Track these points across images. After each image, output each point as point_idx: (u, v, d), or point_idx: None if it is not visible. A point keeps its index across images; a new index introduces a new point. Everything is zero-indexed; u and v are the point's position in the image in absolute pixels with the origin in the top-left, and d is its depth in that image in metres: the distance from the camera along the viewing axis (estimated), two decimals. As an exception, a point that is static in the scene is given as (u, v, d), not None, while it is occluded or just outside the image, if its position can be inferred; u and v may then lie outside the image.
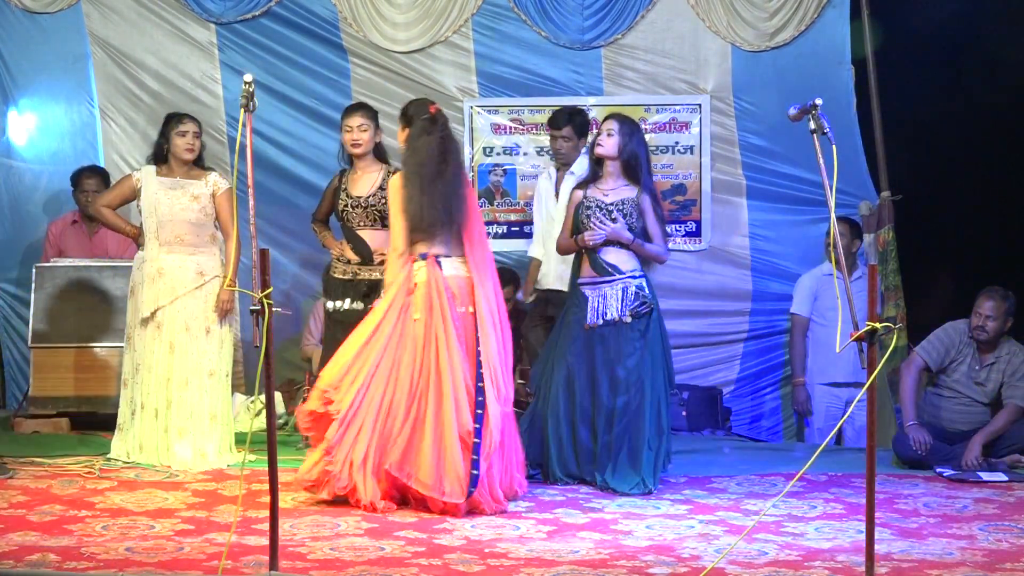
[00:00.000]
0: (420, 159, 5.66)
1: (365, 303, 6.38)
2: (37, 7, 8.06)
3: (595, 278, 6.17)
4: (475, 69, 8.21)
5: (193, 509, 5.39)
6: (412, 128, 5.74)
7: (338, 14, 8.13)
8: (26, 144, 8.20)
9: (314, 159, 8.13)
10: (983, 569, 4.68)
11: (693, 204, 8.21)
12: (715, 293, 8.21)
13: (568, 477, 6.09)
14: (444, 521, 5.29)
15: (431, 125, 5.72)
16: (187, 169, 6.56)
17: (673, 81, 8.20)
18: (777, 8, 8.05)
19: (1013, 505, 5.85)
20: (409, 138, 5.74)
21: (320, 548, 4.78)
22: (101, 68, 8.14)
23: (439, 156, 5.66)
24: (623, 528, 5.26)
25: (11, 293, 8.12)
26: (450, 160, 5.69)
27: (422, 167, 5.64)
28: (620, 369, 6.05)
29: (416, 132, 5.71)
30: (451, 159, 5.71)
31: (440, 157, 5.66)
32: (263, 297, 4.29)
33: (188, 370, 6.42)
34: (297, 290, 8.24)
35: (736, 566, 4.64)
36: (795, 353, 7.82)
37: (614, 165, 6.20)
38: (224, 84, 8.13)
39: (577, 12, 8.14)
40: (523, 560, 4.70)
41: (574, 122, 7.06)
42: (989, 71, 7.83)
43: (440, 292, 5.57)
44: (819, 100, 4.68)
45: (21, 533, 4.87)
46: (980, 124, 7.80)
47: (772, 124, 7.99)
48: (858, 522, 5.09)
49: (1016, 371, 6.81)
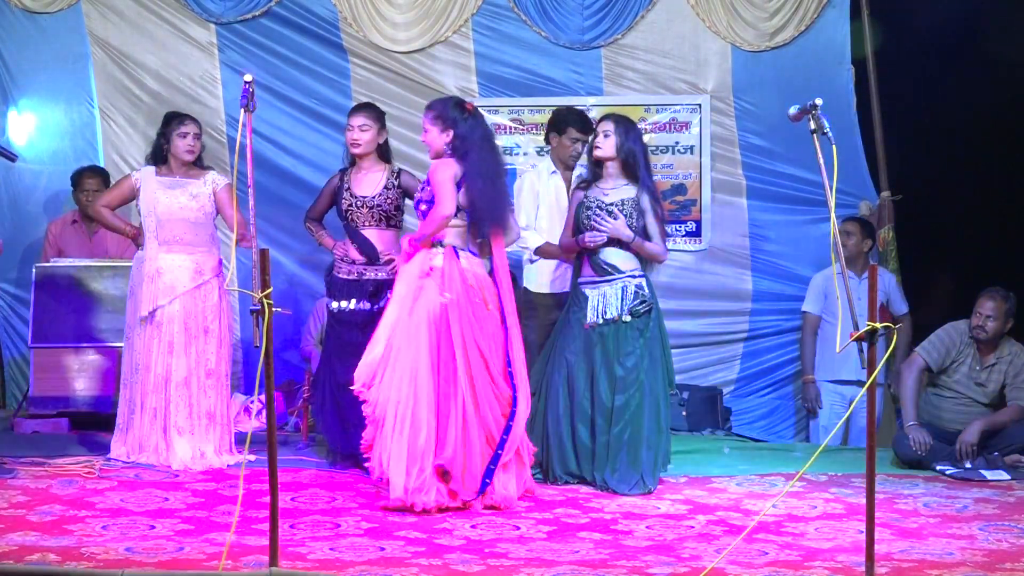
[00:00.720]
0: (484, 155, 5.77)
1: (372, 303, 6.38)
2: (37, 7, 8.06)
3: (595, 277, 6.18)
4: (475, 69, 8.21)
5: (193, 509, 5.39)
6: (461, 126, 5.78)
7: (338, 14, 8.13)
8: (26, 144, 8.19)
9: (314, 159, 8.13)
10: (983, 569, 4.68)
11: (693, 204, 8.21)
12: (715, 293, 8.21)
13: (568, 476, 6.09)
14: (444, 521, 5.29)
15: (478, 122, 5.83)
16: (186, 169, 6.56)
17: (673, 81, 8.20)
18: (777, 8, 8.05)
19: (1013, 505, 5.85)
20: (461, 136, 5.76)
21: (320, 548, 4.78)
22: (101, 68, 8.13)
23: (497, 153, 5.92)
24: (623, 528, 5.26)
25: (11, 293, 8.12)
26: (502, 158, 6.02)
27: (486, 163, 5.77)
28: (619, 368, 6.05)
29: (467, 130, 5.77)
30: (502, 157, 6.03)
31: (498, 154, 5.92)
32: (263, 297, 4.29)
33: (187, 370, 6.42)
34: (297, 290, 8.24)
35: (736, 566, 4.64)
36: (805, 351, 7.82)
37: (613, 165, 6.22)
38: (224, 84, 8.13)
39: (577, 12, 8.14)
40: (523, 560, 4.70)
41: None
42: (989, 71, 7.83)
43: (462, 278, 5.67)
44: (819, 100, 4.69)
45: (21, 533, 4.87)
46: (980, 124, 7.80)
47: (772, 124, 7.99)
48: (858, 522, 5.09)
49: (1019, 373, 6.81)
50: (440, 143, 5.83)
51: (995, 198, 7.92)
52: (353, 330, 6.39)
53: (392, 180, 6.43)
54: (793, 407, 8.14)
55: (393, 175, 6.46)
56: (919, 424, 6.76)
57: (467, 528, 5.20)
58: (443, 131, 5.81)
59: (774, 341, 8.17)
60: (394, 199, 6.41)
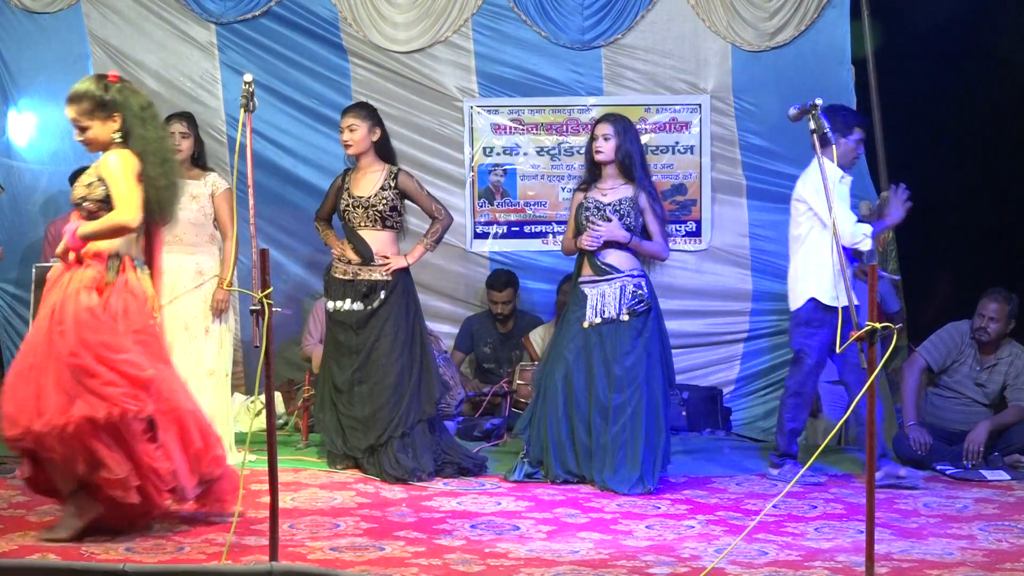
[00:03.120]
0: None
1: (365, 304, 6.38)
2: (37, 7, 8.05)
3: (595, 277, 6.19)
4: (475, 69, 8.21)
5: (193, 509, 5.39)
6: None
7: (338, 14, 8.13)
8: (26, 144, 8.19)
9: (314, 159, 8.13)
10: (983, 569, 4.68)
11: (693, 204, 8.21)
12: (715, 293, 8.21)
13: (568, 475, 6.10)
14: (444, 521, 5.30)
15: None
16: (186, 169, 6.57)
17: (673, 81, 8.20)
18: (777, 8, 8.05)
19: (1013, 505, 5.85)
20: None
21: (320, 548, 4.78)
22: (101, 68, 8.11)
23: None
24: (623, 528, 5.26)
25: (11, 293, 8.11)
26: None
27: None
28: (617, 368, 6.06)
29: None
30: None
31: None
32: (263, 297, 4.29)
33: (187, 370, 6.41)
34: (297, 290, 8.24)
35: (736, 566, 4.64)
36: None
37: (611, 166, 6.23)
38: (224, 84, 8.12)
39: (577, 12, 8.14)
40: (523, 560, 4.70)
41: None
42: (989, 71, 7.83)
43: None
44: (819, 100, 4.69)
45: (21, 533, 4.87)
46: (980, 124, 7.80)
47: (772, 124, 7.99)
48: (858, 522, 5.10)
49: (1020, 374, 6.82)
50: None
51: (995, 198, 7.92)
52: (347, 331, 6.40)
53: (389, 181, 6.43)
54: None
55: (391, 176, 6.46)
56: (919, 424, 6.76)
57: (467, 528, 5.20)
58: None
59: (774, 341, 8.17)
60: (390, 200, 6.40)
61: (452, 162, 8.23)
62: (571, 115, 8.22)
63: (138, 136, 5.00)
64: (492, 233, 8.23)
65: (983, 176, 7.95)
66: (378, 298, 6.36)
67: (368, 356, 6.35)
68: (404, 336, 6.37)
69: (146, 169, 4.96)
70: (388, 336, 6.34)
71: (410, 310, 6.45)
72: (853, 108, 6.60)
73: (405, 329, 6.39)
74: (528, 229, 8.23)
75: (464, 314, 8.23)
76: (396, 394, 6.29)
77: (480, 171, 8.26)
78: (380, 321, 6.36)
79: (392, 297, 6.38)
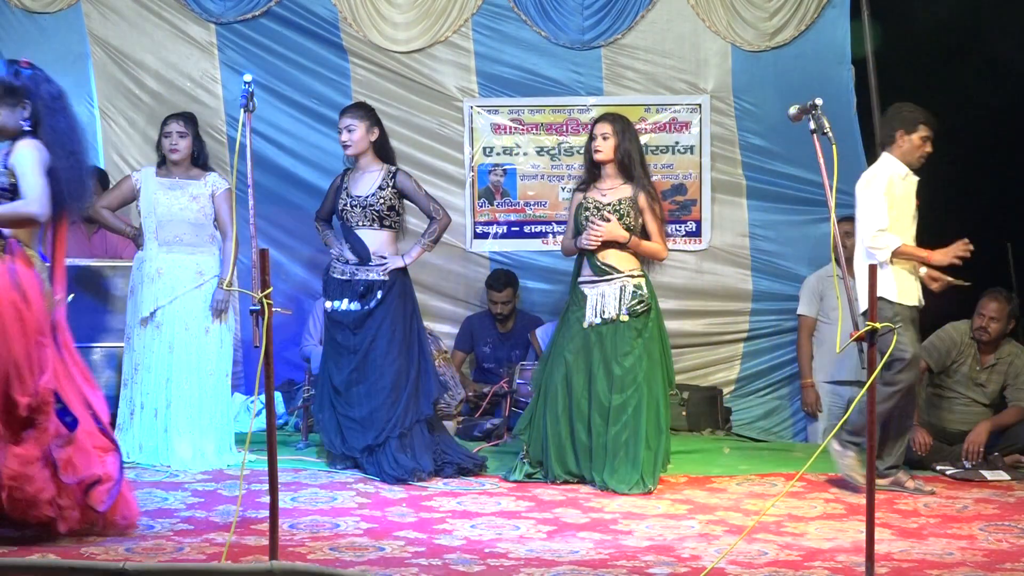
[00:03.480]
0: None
1: (362, 304, 6.38)
2: (37, 7, 8.05)
3: (594, 277, 6.19)
4: (475, 69, 8.20)
5: (193, 509, 5.39)
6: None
7: (338, 14, 8.12)
8: (26, 144, 8.18)
9: (314, 159, 8.12)
10: (983, 569, 4.68)
11: (693, 204, 8.21)
12: (715, 293, 8.21)
13: (568, 475, 6.10)
14: (444, 521, 5.30)
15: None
16: (186, 169, 6.58)
17: (673, 81, 8.20)
18: (777, 8, 8.05)
19: (1013, 505, 5.85)
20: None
21: (320, 548, 4.78)
22: (101, 68, 8.13)
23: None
24: (623, 528, 5.26)
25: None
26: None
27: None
28: (617, 368, 6.06)
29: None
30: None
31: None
32: (263, 297, 4.29)
33: (188, 370, 6.43)
34: (297, 290, 8.24)
35: (736, 566, 4.64)
36: (802, 354, 7.81)
37: (610, 166, 6.24)
38: (224, 84, 8.11)
39: (577, 12, 8.14)
40: (523, 560, 4.70)
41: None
42: (989, 71, 7.83)
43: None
44: (819, 100, 4.69)
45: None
46: (980, 124, 7.79)
47: (772, 124, 7.99)
48: (858, 522, 5.09)
49: (1019, 374, 6.82)
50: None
51: (995, 198, 7.91)
52: (344, 331, 6.40)
53: (387, 180, 6.44)
54: (793, 407, 8.13)
55: (389, 175, 6.46)
56: (919, 424, 6.75)
57: (467, 528, 5.20)
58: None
59: (774, 341, 8.17)
60: (388, 199, 6.40)
61: (452, 162, 8.23)
62: (571, 115, 8.22)
63: (47, 126, 4.92)
64: (492, 233, 8.23)
65: (983, 176, 7.94)
66: (375, 298, 6.36)
67: (365, 356, 6.35)
68: (401, 336, 6.38)
69: (54, 161, 4.89)
70: (385, 336, 6.34)
71: (407, 310, 6.45)
72: (916, 106, 6.32)
73: (402, 329, 6.39)
74: (528, 229, 8.23)
75: (464, 314, 8.22)
76: (393, 394, 6.29)
77: (480, 171, 8.25)
78: (377, 321, 6.36)
79: (389, 297, 6.38)
